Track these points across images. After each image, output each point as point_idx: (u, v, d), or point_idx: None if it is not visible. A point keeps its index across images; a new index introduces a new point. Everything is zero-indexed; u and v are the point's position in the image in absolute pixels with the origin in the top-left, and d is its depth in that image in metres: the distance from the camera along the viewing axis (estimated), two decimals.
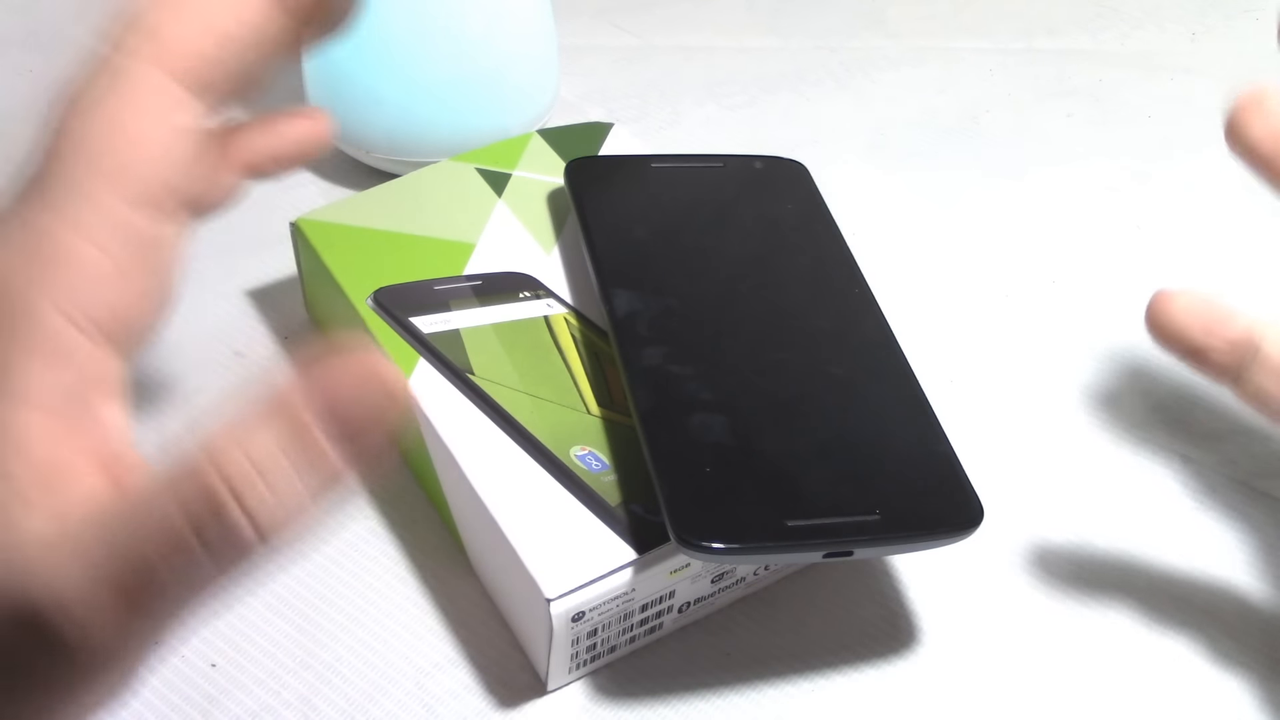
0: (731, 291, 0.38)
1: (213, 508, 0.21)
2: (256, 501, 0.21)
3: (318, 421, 0.21)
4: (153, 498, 0.21)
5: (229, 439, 0.21)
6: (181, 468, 0.21)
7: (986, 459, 0.36)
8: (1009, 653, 0.35)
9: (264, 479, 0.21)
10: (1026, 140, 0.55)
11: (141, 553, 0.21)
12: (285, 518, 0.21)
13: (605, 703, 0.33)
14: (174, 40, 0.26)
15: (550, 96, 0.51)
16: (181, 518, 0.21)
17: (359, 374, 0.21)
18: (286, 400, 0.21)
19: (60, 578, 0.21)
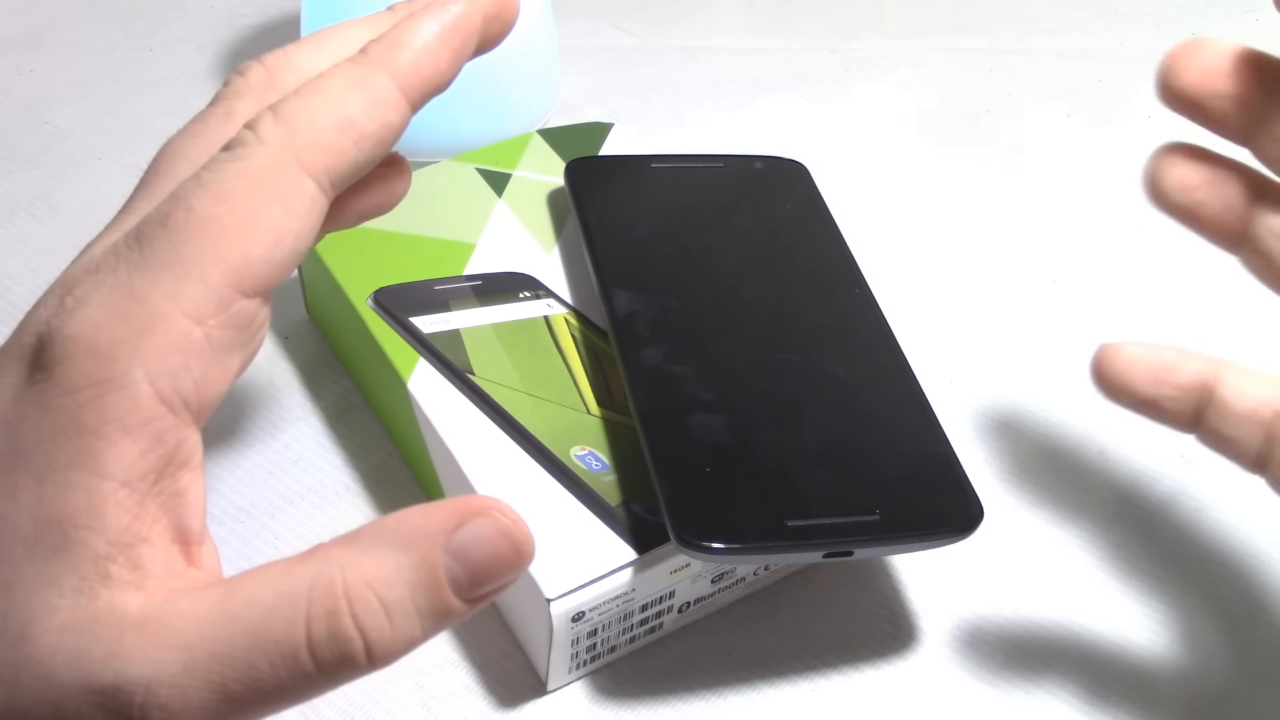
0: (731, 291, 0.38)
1: (334, 632, 0.21)
2: (375, 632, 0.21)
3: (447, 565, 0.22)
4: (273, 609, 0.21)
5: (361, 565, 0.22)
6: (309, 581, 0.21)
7: (986, 459, 0.36)
8: (1009, 653, 0.35)
9: (387, 613, 0.22)
10: (1026, 140, 0.55)
11: (251, 660, 0.21)
12: (398, 651, 0.22)
13: (605, 703, 0.33)
14: (312, 133, 0.24)
15: (550, 96, 0.51)
16: (303, 636, 0.21)
17: (496, 528, 0.22)
18: (426, 537, 0.22)
19: (152, 661, 0.21)
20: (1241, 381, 0.28)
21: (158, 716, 0.21)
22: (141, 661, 0.21)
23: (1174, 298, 0.47)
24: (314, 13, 0.47)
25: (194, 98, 0.55)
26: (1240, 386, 0.28)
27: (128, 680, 0.21)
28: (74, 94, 0.54)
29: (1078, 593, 0.37)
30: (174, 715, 0.21)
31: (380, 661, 0.22)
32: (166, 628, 0.21)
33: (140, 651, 0.21)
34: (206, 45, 0.58)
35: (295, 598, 0.21)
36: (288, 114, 0.24)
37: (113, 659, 0.21)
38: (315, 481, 0.39)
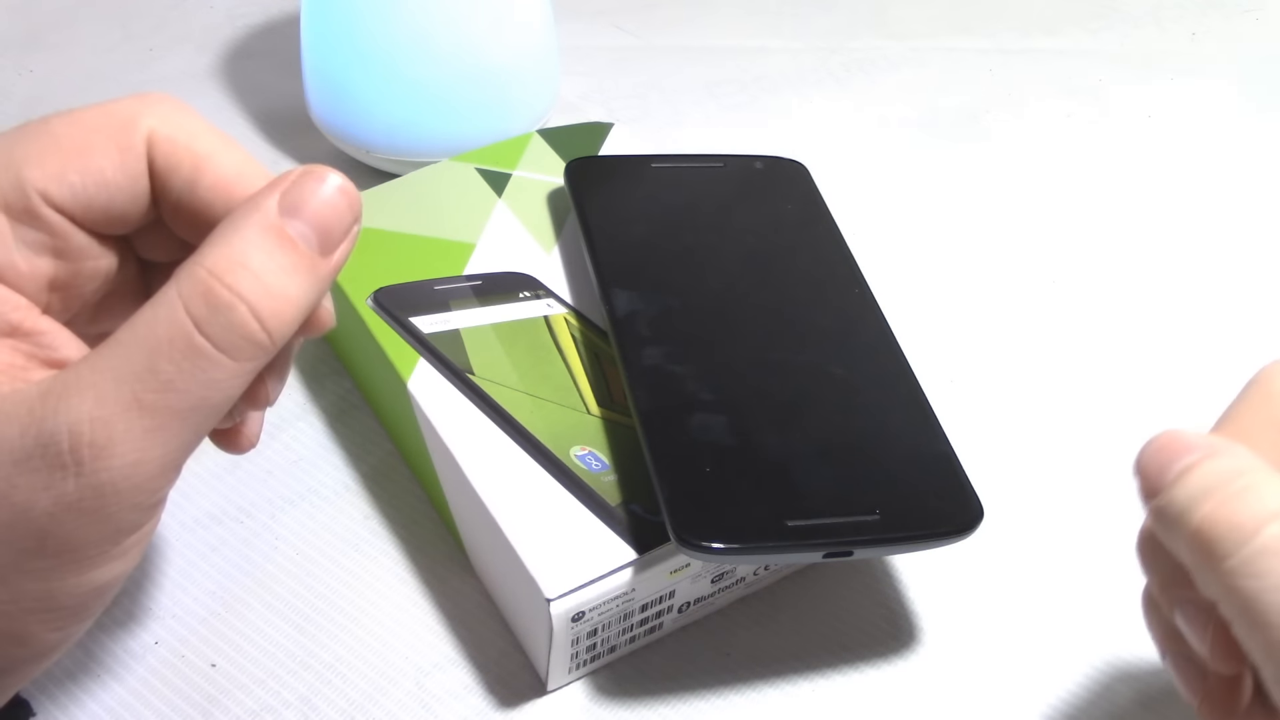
0: (731, 291, 0.38)
1: (213, 305, 0.22)
2: (253, 295, 0.22)
3: (291, 225, 0.23)
4: (154, 318, 0.22)
5: (215, 250, 0.22)
6: (178, 283, 0.22)
7: (986, 459, 0.37)
8: (1009, 653, 0.35)
9: (254, 275, 0.22)
10: (1026, 140, 0.55)
11: (152, 366, 0.22)
12: (282, 311, 0.23)
13: (605, 703, 0.33)
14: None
15: (550, 96, 0.51)
16: (186, 321, 0.22)
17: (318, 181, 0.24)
18: (260, 210, 0.23)
19: (64, 410, 0.21)
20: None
21: (89, 453, 0.21)
22: (55, 415, 0.21)
23: (1174, 297, 0.47)
24: (314, 13, 0.47)
25: (194, 98, 0.55)
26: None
27: (49, 435, 0.21)
28: (74, 94, 0.54)
29: (1078, 593, 0.37)
30: (104, 445, 0.21)
31: (271, 324, 0.23)
32: (69, 384, 0.22)
33: (49, 408, 0.22)
34: (206, 45, 0.58)
35: (169, 300, 0.22)
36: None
37: (29, 426, 0.21)
38: (315, 481, 0.39)
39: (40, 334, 0.24)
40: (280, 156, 0.52)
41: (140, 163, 0.25)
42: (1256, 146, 0.55)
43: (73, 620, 0.24)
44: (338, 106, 0.48)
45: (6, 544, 0.22)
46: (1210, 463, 0.23)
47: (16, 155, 0.24)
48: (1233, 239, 0.50)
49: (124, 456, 0.22)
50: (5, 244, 0.24)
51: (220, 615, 0.35)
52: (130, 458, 0.22)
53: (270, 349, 0.23)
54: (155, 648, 0.34)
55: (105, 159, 0.25)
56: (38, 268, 0.24)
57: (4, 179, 0.24)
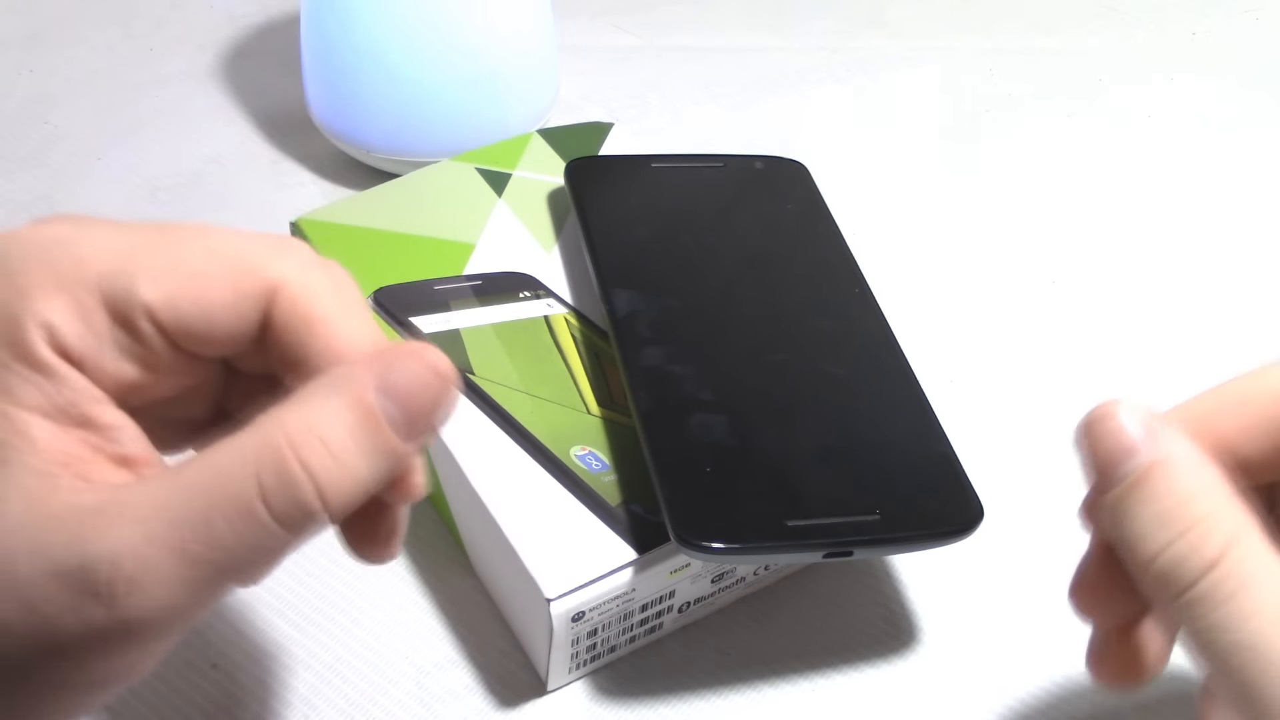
0: (732, 292, 0.38)
1: (283, 478, 0.22)
2: (324, 474, 0.22)
3: (381, 404, 0.23)
4: (221, 470, 0.22)
5: (299, 416, 0.23)
6: (253, 440, 0.22)
7: (986, 459, 0.37)
8: (1009, 653, 0.35)
9: (330, 453, 0.22)
10: (1026, 140, 0.55)
11: (208, 520, 0.22)
12: (349, 490, 0.23)
13: (605, 703, 0.33)
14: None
15: (550, 96, 0.51)
16: (253, 487, 0.22)
17: (420, 363, 0.23)
18: (355, 382, 0.23)
19: (113, 539, 0.22)
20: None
21: (125, 588, 0.21)
22: (102, 541, 0.21)
23: (1174, 297, 0.47)
24: (314, 13, 0.47)
25: (194, 98, 0.55)
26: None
27: (91, 559, 0.21)
28: (74, 94, 0.54)
29: None
30: (141, 585, 0.22)
31: (334, 504, 0.23)
32: (123, 508, 0.22)
33: (100, 532, 0.22)
34: (206, 45, 0.58)
35: (242, 455, 0.22)
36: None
37: (75, 543, 0.22)
38: None
39: (111, 429, 0.24)
40: (280, 156, 0.52)
41: (254, 311, 0.25)
42: (1256, 146, 0.55)
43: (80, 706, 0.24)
44: (338, 106, 0.48)
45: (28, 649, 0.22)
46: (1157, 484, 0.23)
47: (138, 261, 0.24)
48: (1233, 239, 0.50)
49: (157, 600, 0.22)
50: (101, 342, 0.24)
51: (220, 615, 0.35)
52: (162, 602, 0.22)
53: (324, 524, 0.23)
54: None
55: (220, 295, 0.24)
56: (123, 371, 0.24)
57: (119, 282, 0.24)
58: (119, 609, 0.22)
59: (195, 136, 0.52)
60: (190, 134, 0.52)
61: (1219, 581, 0.22)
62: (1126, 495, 0.24)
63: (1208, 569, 0.22)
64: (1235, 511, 0.23)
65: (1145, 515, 0.23)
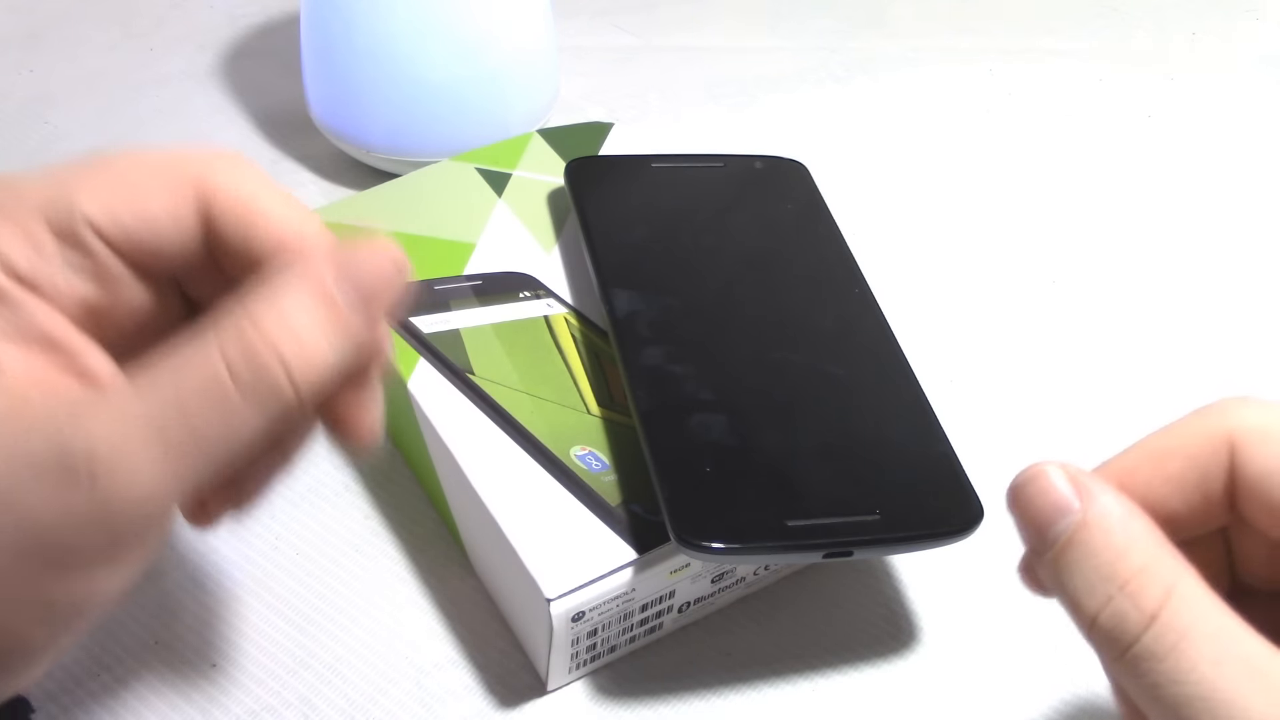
0: (731, 291, 0.38)
1: (250, 358, 0.23)
2: (289, 353, 0.23)
3: (340, 288, 0.24)
4: (190, 357, 0.23)
5: (260, 301, 0.23)
6: (218, 327, 0.23)
7: (986, 459, 0.36)
8: (1009, 653, 0.35)
9: (293, 334, 0.23)
10: (1026, 140, 0.55)
11: (180, 403, 0.22)
12: (316, 371, 0.23)
13: (605, 703, 0.33)
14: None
15: (550, 96, 0.51)
16: (222, 368, 0.22)
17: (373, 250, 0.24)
18: (313, 268, 0.24)
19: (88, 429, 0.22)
20: None
21: (105, 474, 0.22)
22: (78, 432, 0.22)
23: (1174, 298, 0.47)
24: (314, 12, 0.47)
25: (194, 98, 0.55)
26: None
27: (68, 449, 0.22)
28: (74, 94, 0.54)
29: None
30: (119, 470, 0.22)
31: (303, 385, 0.23)
32: (98, 406, 0.22)
33: (76, 426, 0.22)
34: (206, 45, 0.58)
35: (205, 341, 0.23)
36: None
37: (51, 438, 0.22)
38: (315, 481, 0.39)
39: (75, 351, 0.25)
40: (280, 156, 0.52)
41: (190, 212, 0.26)
42: (1256, 146, 0.55)
43: (65, 626, 0.24)
44: (338, 106, 0.48)
45: (10, 546, 0.22)
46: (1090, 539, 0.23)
47: (73, 183, 0.25)
48: (1233, 239, 0.50)
49: (135, 482, 0.22)
50: (51, 263, 0.25)
51: (220, 615, 0.35)
52: (140, 483, 0.22)
53: (294, 408, 0.24)
54: (155, 647, 0.34)
55: (156, 202, 0.25)
56: (76, 289, 0.25)
57: (59, 204, 0.25)
58: (100, 493, 0.22)
59: (195, 136, 0.52)
60: (190, 134, 0.53)
61: (1160, 634, 0.22)
62: (1063, 554, 0.24)
63: (1148, 623, 0.22)
64: (1170, 560, 0.23)
65: (1083, 572, 0.23)
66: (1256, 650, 0.22)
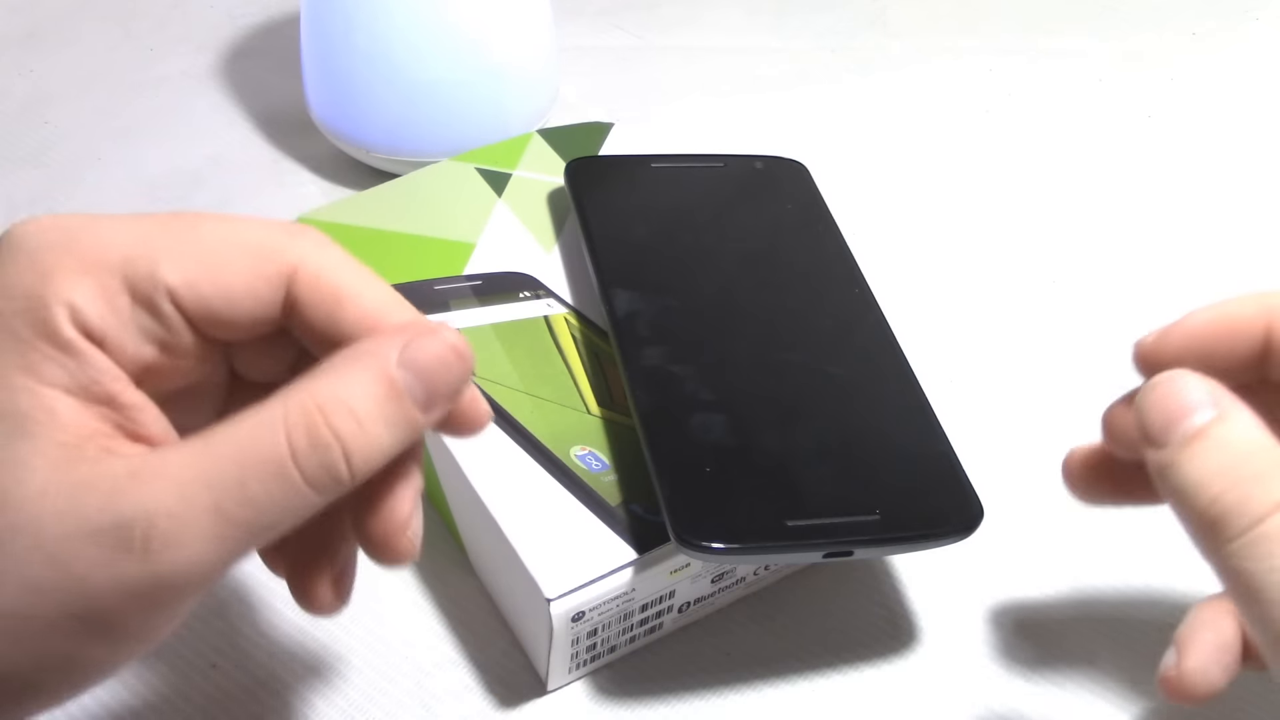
0: (732, 291, 0.38)
1: (314, 441, 0.23)
2: (351, 439, 0.23)
3: (403, 377, 0.24)
4: (253, 433, 0.23)
5: (326, 383, 0.23)
6: (283, 406, 0.23)
7: (986, 459, 0.36)
8: (1009, 653, 0.35)
9: (357, 420, 0.23)
10: (1026, 140, 0.55)
11: (241, 480, 0.22)
12: (373, 457, 0.24)
13: (605, 703, 0.33)
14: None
15: (550, 96, 0.51)
16: (285, 449, 0.23)
17: (439, 340, 0.25)
18: (379, 356, 0.24)
19: (146, 499, 0.22)
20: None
21: (160, 544, 0.22)
22: (136, 501, 0.22)
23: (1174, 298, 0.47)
24: (314, 12, 0.47)
25: (194, 98, 0.55)
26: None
27: (125, 518, 0.22)
28: (74, 94, 0.54)
29: (1078, 593, 0.37)
30: (174, 542, 0.22)
31: (359, 467, 0.23)
32: (156, 471, 0.23)
33: (135, 492, 0.22)
34: (206, 45, 0.58)
35: (273, 420, 0.23)
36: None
37: (108, 504, 0.22)
38: None
39: (132, 407, 0.25)
40: (280, 156, 0.52)
41: (272, 292, 0.26)
42: (1256, 146, 0.55)
43: (82, 682, 0.24)
44: (338, 106, 0.48)
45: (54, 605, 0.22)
46: (1220, 433, 0.24)
47: (159, 245, 0.25)
48: (1233, 239, 0.50)
49: (189, 556, 0.22)
50: (124, 324, 0.25)
51: (220, 615, 0.35)
52: (195, 558, 0.22)
53: (348, 489, 0.24)
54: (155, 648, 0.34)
55: (240, 279, 0.25)
56: (142, 352, 0.25)
57: (141, 266, 0.25)
58: (153, 564, 0.22)
59: (195, 136, 0.52)
60: (190, 134, 0.53)
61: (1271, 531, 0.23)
62: (1189, 444, 0.25)
63: (1268, 513, 0.23)
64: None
65: (1208, 464, 0.24)
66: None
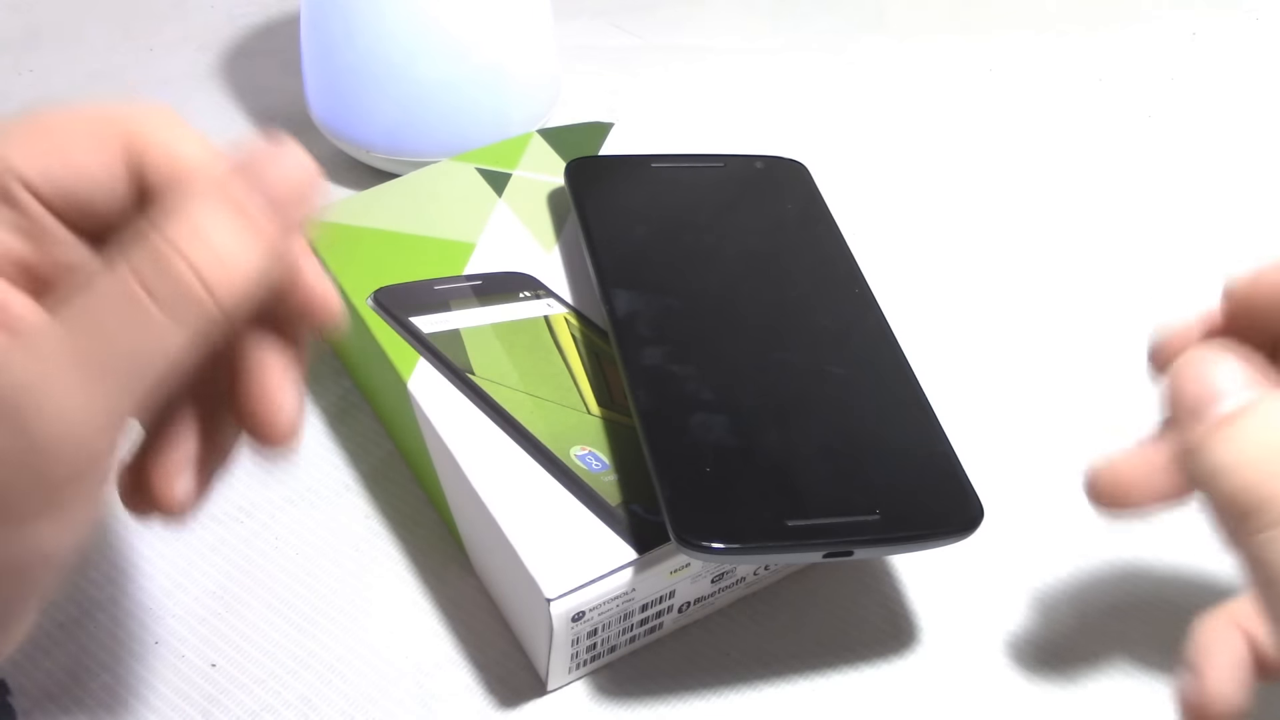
0: (732, 291, 0.38)
1: (160, 266, 0.22)
2: (198, 257, 0.22)
3: (242, 190, 0.23)
4: (103, 279, 0.22)
5: (167, 214, 0.23)
6: (124, 246, 0.22)
7: (986, 459, 0.37)
8: (1009, 653, 0.35)
9: (201, 239, 0.22)
10: (1026, 140, 0.55)
11: (97, 325, 0.22)
12: (232, 277, 0.23)
13: (605, 703, 0.33)
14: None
15: (550, 96, 0.51)
16: (133, 283, 0.22)
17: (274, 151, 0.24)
18: (213, 179, 0.23)
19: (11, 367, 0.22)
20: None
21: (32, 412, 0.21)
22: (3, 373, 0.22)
23: (1174, 298, 0.47)
24: (314, 13, 0.47)
25: (194, 98, 0.55)
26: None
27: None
28: (74, 94, 0.54)
29: (1078, 593, 0.37)
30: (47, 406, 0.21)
31: (220, 291, 0.23)
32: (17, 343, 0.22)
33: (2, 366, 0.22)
34: (207, 45, 0.58)
35: (117, 263, 0.22)
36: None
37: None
38: (315, 481, 0.39)
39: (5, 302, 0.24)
40: None
41: (121, 164, 0.26)
42: (1256, 147, 0.55)
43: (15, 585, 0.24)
44: (338, 106, 0.48)
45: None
46: (1257, 418, 0.23)
47: (6, 139, 0.25)
48: (1233, 239, 0.50)
49: (64, 416, 0.22)
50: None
51: (220, 615, 0.35)
52: (70, 417, 0.22)
53: (217, 316, 0.23)
54: (155, 648, 0.34)
55: (86, 155, 0.25)
56: (9, 246, 0.25)
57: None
58: (29, 432, 0.21)
59: None
60: None
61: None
62: (1222, 427, 0.24)
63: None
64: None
65: (1244, 450, 0.23)
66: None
